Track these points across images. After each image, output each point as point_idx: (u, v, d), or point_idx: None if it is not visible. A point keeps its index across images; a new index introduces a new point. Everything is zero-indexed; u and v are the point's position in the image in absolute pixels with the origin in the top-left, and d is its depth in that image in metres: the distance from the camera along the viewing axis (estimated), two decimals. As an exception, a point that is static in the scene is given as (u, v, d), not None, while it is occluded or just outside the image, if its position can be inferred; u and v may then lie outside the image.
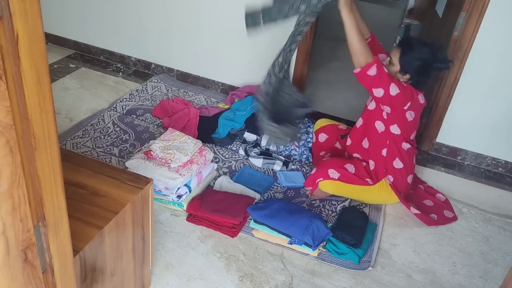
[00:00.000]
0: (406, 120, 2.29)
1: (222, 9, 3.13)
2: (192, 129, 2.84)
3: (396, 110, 2.25)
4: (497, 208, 2.61)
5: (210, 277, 2.00)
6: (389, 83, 2.16)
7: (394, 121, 2.30)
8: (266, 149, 2.78)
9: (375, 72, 2.14)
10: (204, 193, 2.36)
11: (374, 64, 2.14)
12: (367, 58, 2.14)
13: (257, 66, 3.25)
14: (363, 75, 2.16)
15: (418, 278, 2.12)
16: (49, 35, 3.78)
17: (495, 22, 2.55)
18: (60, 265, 1.04)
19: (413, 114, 2.29)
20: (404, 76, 2.26)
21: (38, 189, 0.90)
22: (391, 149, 2.36)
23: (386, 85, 2.16)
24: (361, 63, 2.15)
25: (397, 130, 2.31)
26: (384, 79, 2.15)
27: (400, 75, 2.27)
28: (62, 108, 3.05)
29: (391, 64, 2.27)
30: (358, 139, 2.49)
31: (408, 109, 2.25)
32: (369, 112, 2.40)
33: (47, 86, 0.85)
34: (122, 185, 1.54)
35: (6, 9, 0.72)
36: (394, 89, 2.17)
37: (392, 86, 2.17)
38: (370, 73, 2.14)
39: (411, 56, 2.22)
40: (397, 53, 2.25)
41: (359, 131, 2.49)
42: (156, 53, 3.54)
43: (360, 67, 2.16)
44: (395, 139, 2.34)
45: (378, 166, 2.40)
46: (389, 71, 2.26)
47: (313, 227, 2.11)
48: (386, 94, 2.17)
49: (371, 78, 2.15)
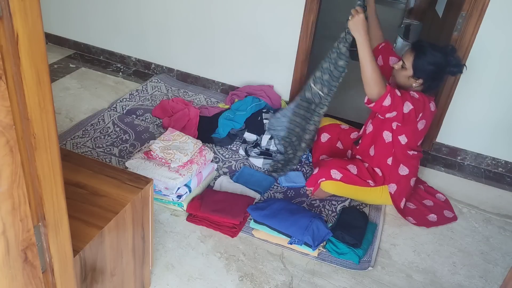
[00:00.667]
0: (416, 130, 2.27)
1: (222, 9, 3.13)
2: (192, 129, 2.84)
3: (408, 123, 2.23)
4: (497, 208, 2.61)
5: (210, 277, 2.00)
6: (402, 103, 2.12)
7: (402, 131, 2.29)
8: (266, 149, 2.78)
9: (390, 102, 2.09)
10: (204, 193, 2.36)
11: (388, 94, 2.08)
12: (380, 90, 2.08)
13: (257, 66, 3.26)
14: (378, 107, 2.12)
15: (418, 278, 2.12)
16: (49, 35, 3.78)
17: (495, 22, 2.55)
18: (60, 265, 1.04)
19: (424, 123, 2.27)
20: (417, 81, 2.23)
21: (38, 189, 0.90)
22: (396, 157, 2.36)
23: (399, 107, 2.12)
24: (374, 96, 2.10)
25: (404, 139, 2.30)
26: (398, 103, 2.11)
27: (412, 80, 2.23)
28: (62, 108, 3.05)
29: (403, 68, 2.24)
30: (366, 145, 2.47)
31: (421, 119, 2.23)
32: (378, 120, 2.37)
33: (47, 86, 0.85)
34: (122, 185, 1.54)
35: (6, 9, 0.72)
36: (407, 106, 2.14)
37: (406, 104, 2.13)
38: (385, 104, 2.10)
39: (425, 60, 2.18)
40: (410, 57, 2.21)
41: (368, 138, 2.45)
42: (156, 53, 3.54)
43: (373, 100, 2.12)
44: (401, 148, 2.33)
45: (383, 173, 2.40)
46: (401, 75, 2.24)
47: (313, 227, 2.11)
48: (400, 114, 2.15)
49: (386, 108, 2.11)
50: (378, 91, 2.09)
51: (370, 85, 2.10)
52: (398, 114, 2.15)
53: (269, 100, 3.09)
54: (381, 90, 2.09)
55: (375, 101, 2.11)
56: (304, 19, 2.93)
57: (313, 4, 2.86)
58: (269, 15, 3.02)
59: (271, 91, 3.18)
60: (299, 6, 2.90)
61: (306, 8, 2.89)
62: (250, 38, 3.16)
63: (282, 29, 3.03)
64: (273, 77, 3.23)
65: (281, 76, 3.19)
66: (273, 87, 3.23)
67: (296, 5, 2.91)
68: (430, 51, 2.19)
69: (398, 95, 2.12)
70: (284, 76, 3.18)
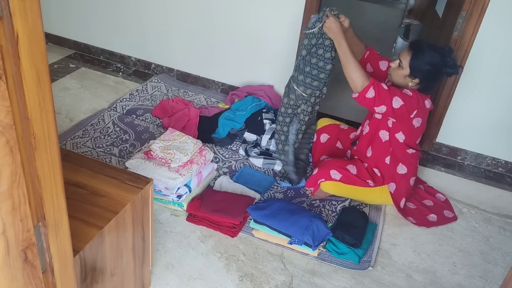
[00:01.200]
0: (412, 127, 2.28)
1: (223, 9, 3.13)
2: (192, 129, 2.84)
3: (401, 119, 2.24)
4: (497, 208, 2.61)
5: (210, 277, 2.00)
6: (390, 98, 2.15)
7: (399, 129, 2.29)
8: (266, 149, 2.78)
9: (373, 94, 2.14)
10: (204, 193, 2.36)
11: (371, 86, 2.14)
12: (363, 82, 2.15)
13: (257, 66, 3.26)
14: (362, 99, 2.17)
15: (418, 278, 2.12)
16: (49, 35, 3.78)
17: (495, 22, 2.55)
18: (60, 265, 1.04)
19: (420, 121, 2.28)
20: (413, 80, 2.23)
21: (38, 189, 0.90)
22: (395, 156, 2.35)
23: (387, 101, 2.15)
24: (358, 88, 2.16)
25: (402, 137, 2.30)
26: (384, 96, 2.15)
27: (409, 79, 2.24)
28: (62, 108, 3.05)
29: (400, 67, 2.24)
30: (363, 147, 2.47)
31: (415, 117, 2.24)
32: (375, 120, 2.37)
33: (47, 86, 0.85)
34: (122, 185, 1.54)
35: (6, 9, 0.72)
36: (397, 102, 2.16)
37: (395, 99, 2.15)
38: (369, 95, 2.14)
39: (422, 60, 2.19)
40: (407, 56, 2.22)
41: (365, 139, 2.45)
42: (156, 53, 3.54)
43: (357, 92, 2.17)
44: (399, 146, 2.33)
45: (382, 173, 2.40)
46: (398, 74, 2.25)
47: (313, 227, 2.11)
48: (389, 108, 2.17)
49: (371, 100, 2.15)
50: (362, 83, 2.15)
51: (352, 79, 2.17)
52: (388, 108, 2.17)
53: (269, 100, 3.09)
54: (364, 83, 2.15)
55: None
56: (304, 19, 2.93)
57: (313, 4, 2.86)
58: (269, 15, 3.02)
59: (271, 91, 3.18)
60: (299, 6, 2.90)
61: (306, 8, 2.89)
62: (250, 38, 3.16)
63: (282, 29, 3.03)
64: (273, 77, 3.23)
65: (281, 76, 3.19)
66: (273, 87, 3.23)
67: (296, 5, 2.91)
68: (428, 51, 2.20)
69: (384, 88, 2.15)
70: (284, 76, 3.17)
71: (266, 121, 2.90)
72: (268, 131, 2.85)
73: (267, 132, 2.82)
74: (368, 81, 2.15)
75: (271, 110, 3.05)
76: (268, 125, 2.89)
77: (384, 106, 2.16)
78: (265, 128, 2.87)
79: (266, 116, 2.94)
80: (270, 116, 2.96)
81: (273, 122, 2.95)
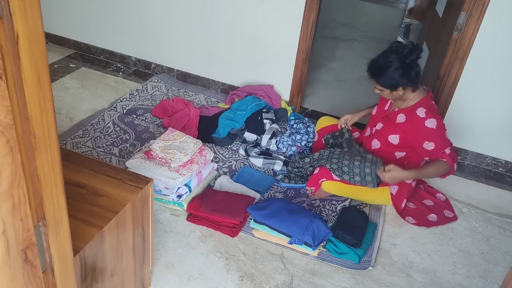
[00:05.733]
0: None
1: (223, 8, 3.13)
2: (192, 129, 2.84)
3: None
4: (497, 208, 2.61)
5: (210, 277, 2.00)
6: (449, 141, 2.29)
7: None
8: (266, 149, 2.78)
9: (455, 157, 2.24)
10: (204, 193, 2.36)
11: (452, 163, 2.21)
12: (447, 170, 2.23)
13: (257, 66, 3.26)
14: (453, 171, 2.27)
15: (418, 278, 2.12)
16: (49, 35, 3.78)
17: (496, 22, 2.55)
18: (60, 264, 1.04)
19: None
20: (397, 90, 2.25)
21: (38, 189, 0.90)
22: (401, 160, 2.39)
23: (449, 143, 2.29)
24: (451, 173, 2.28)
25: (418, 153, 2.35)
26: (452, 149, 2.25)
27: (396, 93, 2.27)
28: (62, 108, 3.05)
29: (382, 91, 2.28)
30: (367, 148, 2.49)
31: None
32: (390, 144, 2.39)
33: (47, 86, 0.85)
34: (122, 185, 1.54)
35: (6, 9, 0.72)
36: (447, 138, 2.31)
37: (447, 138, 2.29)
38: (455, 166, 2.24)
39: (386, 75, 2.21)
40: (375, 83, 2.27)
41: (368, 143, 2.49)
42: (156, 53, 3.54)
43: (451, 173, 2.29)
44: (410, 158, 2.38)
45: None
46: (385, 95, 2.31)
47: (313, 226, 2.11)
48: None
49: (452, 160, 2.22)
50: (448, 170, 2.24)
51: (444, 176, 2.30)
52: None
53: (269, 100, 3.09)
54: (447, 169, 2.23)
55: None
56: (304, 19, 2.93)
57: (313, 4, 2.86)
58: (270, 15, 3.02)
59: (271, 90, 3.18)
60: (299, 6, 2.90)
61: (306, 8, 2.89)
62: (250, 38, 3.16)
63: (282, 29, 3.03)
64: (273, 77, 3.23)
65: (281, 76, 3.20)
66: (273, 86, 3.23)
67: (296, 5, 2.91)
68: (383, 64, 2.21)
69: (450, 151, 2.22)
70: (284, 76, 3.19)
71: (266, 121, 2.90)
72: (268, 131, 2.86)
73: (267, 132, 2.82)
74: (447, 166, 2.20)
75: (271, 110, 3.05)
76: (268, 125, 2.89)
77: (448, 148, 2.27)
78: (265, 128, 2.87)
79: (266, 116, 2.94)
80: (270, 116, 2.96)
81: (273, 122, 2.96)
